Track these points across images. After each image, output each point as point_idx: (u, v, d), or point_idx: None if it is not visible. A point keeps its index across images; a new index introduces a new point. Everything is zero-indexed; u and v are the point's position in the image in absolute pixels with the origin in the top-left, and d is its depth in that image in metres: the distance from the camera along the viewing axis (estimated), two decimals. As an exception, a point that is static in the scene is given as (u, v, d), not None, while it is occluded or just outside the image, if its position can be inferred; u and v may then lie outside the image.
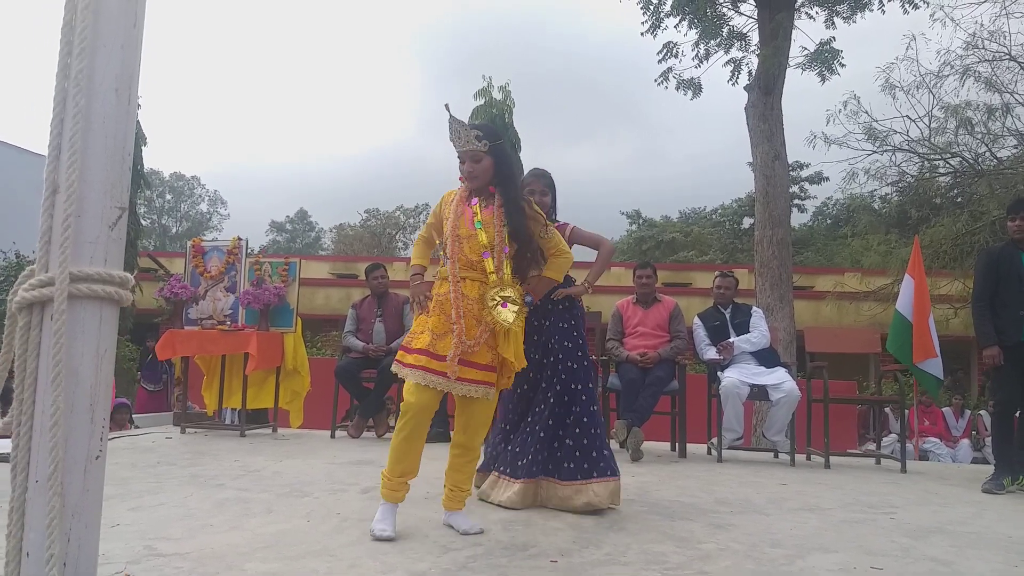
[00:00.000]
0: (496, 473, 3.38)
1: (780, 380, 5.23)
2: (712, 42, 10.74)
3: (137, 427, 7.86)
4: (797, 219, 30.62)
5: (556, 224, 3.54)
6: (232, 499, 3.28)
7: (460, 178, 2.99)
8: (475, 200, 2.93)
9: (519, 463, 3.27)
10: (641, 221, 35.03)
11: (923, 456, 9.22)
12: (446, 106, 2.86)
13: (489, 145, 2.88)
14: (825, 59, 10.04)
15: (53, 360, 1.19)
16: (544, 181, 3.61)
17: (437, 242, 3.07)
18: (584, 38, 73.26)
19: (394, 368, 2.80)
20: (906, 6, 10.06)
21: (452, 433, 3.09)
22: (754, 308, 5.90)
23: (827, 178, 28.47)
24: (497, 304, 2.77)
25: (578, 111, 66.69)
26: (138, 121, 14.40)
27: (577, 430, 3.27)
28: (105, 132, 1.24)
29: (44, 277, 1.22)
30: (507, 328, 2.77)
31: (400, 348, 2.86)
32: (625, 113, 73.61)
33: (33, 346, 1.23)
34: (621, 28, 65.53)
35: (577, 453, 3.23)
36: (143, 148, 14.73)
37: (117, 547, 2.42)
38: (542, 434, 3.27)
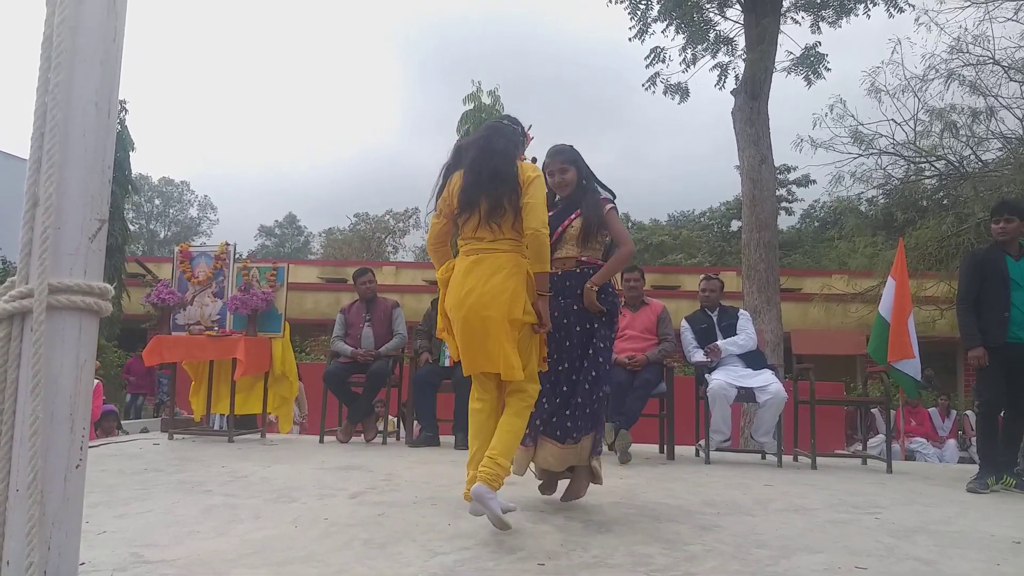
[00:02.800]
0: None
1: (767, 382, 5.25)
2: (699, 47, 10.85)
3: (126, 433, 7.85)
4: (785, 221, 30.87)
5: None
6: (219, 505, 3.27)
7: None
8: None
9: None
10: (630, 224, 35.16)
11: (910, 456, 9.28)
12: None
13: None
14: (811, 63, 10.15)
15: (33, 370, 1.20)
16: (562, 157, 3.41)
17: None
18: (572, 43, 73.42)
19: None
20: (891, 10, 10.16)
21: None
22: (741, 311, 5.92)
23: (814, 181, 28.70)
24: None
25: (565, 115, 66.76)
26: (126, 126, 14.42)
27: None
28: (84, 145, 1.25)
29: (24, 288, 1.23)
30: None
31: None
32: (612, 117, 73.83)
33: (13, 357, 1.24)
34: (609, 33, 65.96)
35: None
36: (131, 153, 14.67)
37: (103, 554, 2.42)
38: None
